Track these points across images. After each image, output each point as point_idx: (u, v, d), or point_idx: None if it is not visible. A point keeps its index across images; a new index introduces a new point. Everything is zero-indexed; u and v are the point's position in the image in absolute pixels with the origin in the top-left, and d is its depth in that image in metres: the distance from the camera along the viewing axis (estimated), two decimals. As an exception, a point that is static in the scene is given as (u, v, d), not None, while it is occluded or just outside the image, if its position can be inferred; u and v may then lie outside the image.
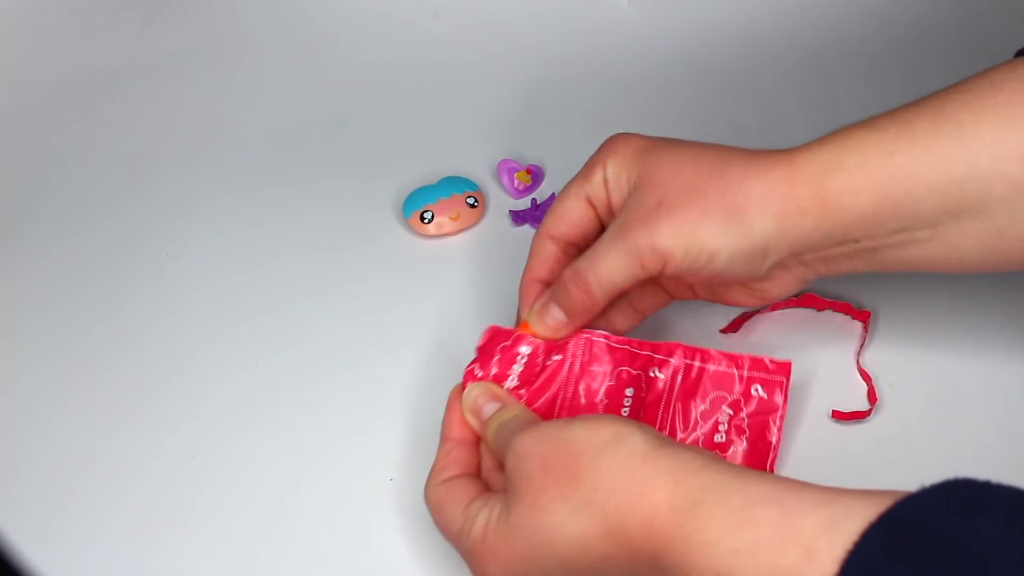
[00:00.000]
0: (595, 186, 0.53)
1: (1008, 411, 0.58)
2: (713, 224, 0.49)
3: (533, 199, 0.70)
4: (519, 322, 0.56)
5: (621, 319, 0.58)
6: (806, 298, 0.62)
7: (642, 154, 0.52)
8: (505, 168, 0.71)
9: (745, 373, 0.56)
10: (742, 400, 0.56)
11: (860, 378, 0.60)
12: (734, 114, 0.75)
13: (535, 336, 0.54)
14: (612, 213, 0.53)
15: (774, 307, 0.62)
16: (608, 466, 0.43)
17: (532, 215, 0.69)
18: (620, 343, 0.55)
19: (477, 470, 0.52)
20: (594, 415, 0.46)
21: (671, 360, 0.56)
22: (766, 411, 0.55)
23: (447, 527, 0.49)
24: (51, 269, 0.69)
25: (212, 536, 0.56)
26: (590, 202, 0.54)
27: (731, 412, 0.56)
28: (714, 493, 0.41)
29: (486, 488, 0.50)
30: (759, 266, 0.51)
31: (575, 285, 0.52)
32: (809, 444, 0.58)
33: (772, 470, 0.55)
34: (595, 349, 0.55)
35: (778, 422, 0.55)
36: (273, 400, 0.62)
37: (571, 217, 0.54)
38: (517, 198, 0.71)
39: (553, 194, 0.70)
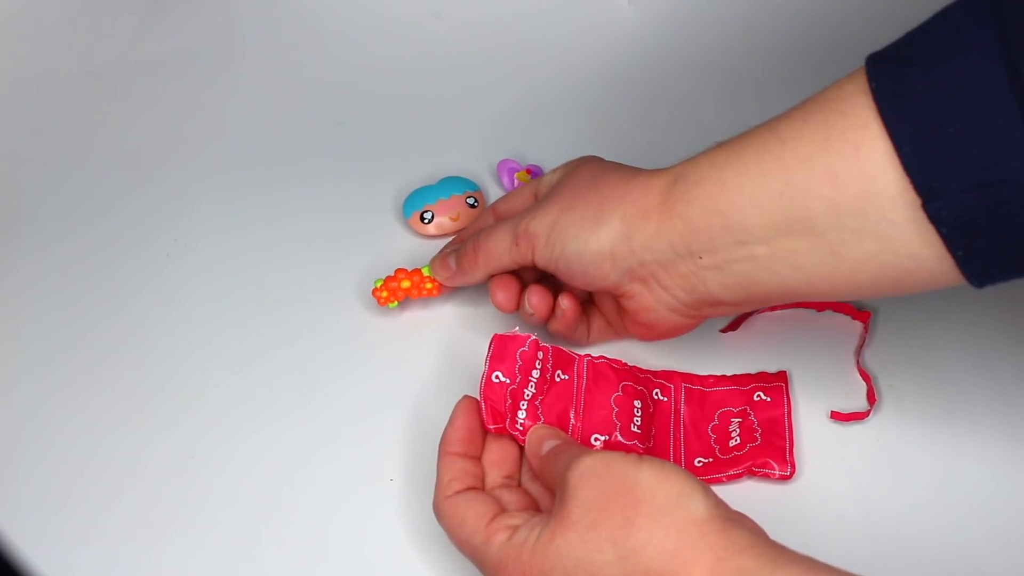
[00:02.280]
0: (542, 187, 0.61)
1: (1008, 411, 0.58)
2: (572, 217, 0.55)
3: (533, 199, 0.70)
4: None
5: (582, 327, 0.61)
6: (806, 298, 0.63)
7: (569, 169, 0.59)
8: (505, 168, 0.71)
9: (746, 387, 0.58)
10: (748, 409, 0.57)
11: (860, 378, 0.60)
12: (734, 114, 0.74)
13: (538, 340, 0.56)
14: None
15: (773, 306, 0.62)
16: (665, 524, 0.44)
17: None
18: (621, 366, 0.58)
19: (482, 483, 0.52)
20: (662, 462, 0.46)
21: (671, 385, 0.58)
22: (774, 409, 0.57)
23: (465, 540, 0.49)
24: (51, 269, 0.69)
25: (211, 536, 0.56)
26: (536, 197, 0.62)
27: (740, 420, 0.57)
28: None
29: (499, 503, 0.50)
30: (609, 269, 0.54)
31: (471, 249, 0.60)
32: (809, 444, 0.58)
33: (792, 459, 0.56)
34: (598, 370, 0.57)
35: (787, 417, 0.57)
36: (273, 400, 0.62)
37: (516, 203, 0.63)
38: (517, 198, 0.71)
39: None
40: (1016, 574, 0.53)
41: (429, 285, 0.64)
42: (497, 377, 0.53)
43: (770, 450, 0.56)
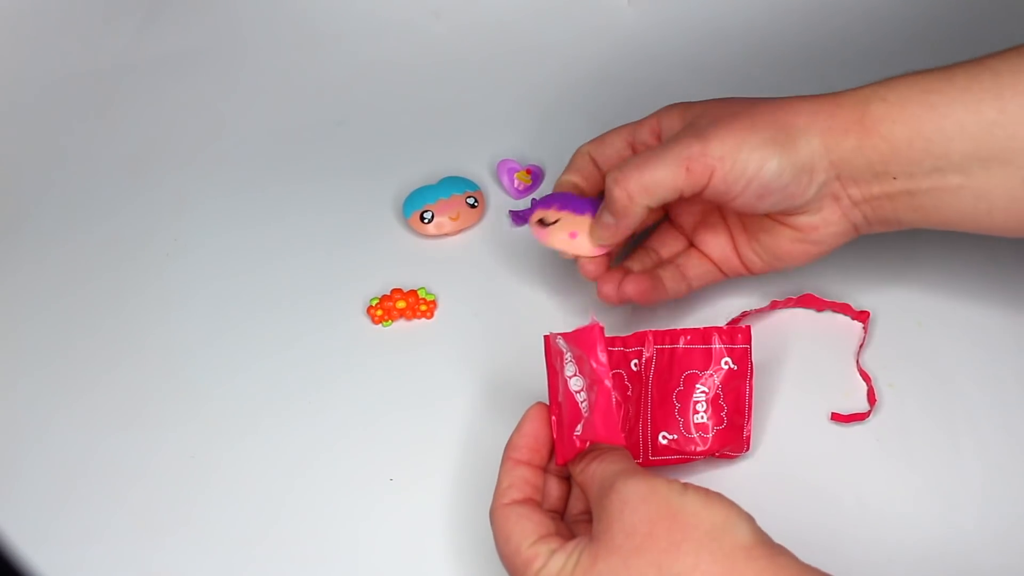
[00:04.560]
0: (643, 134, 0.60)
1: (1008, 411, 0.58)
2: (762, 136, 0.53)
3: (533, 199, 0.70)
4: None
5: (672, 284, 0.60)
6: (806, 298, 0.62)
7: (695, 108, 0.57)
8: (505, 168, 0.71)
9: (715, 345, 0.56)
10: (715, 377, 0.56)
11: (860, 378, 0.60)
12: (734, 114, 0.75)
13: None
14: None
15: (773, 306, 0.62)
16: (712, 550, 0.44)
17: (532, 216, 0.69)
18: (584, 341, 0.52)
19: (541, 495, 0.51)
20: (706, 490, 0.46)
21: (643, 350, 0.55)
22: (739, 380, 0.56)
23: (510, 555, 0.48)
24: (51, 269, 0.69)
25: (212, 536, 0.56)
26: (633, 145, 0.60)
27: (706, 390, 0.56)
28: None
29: (552, 521, 0.49)
30: (807, 184, 0.54)
31: (616, 184, 0.55)
32: (809, 444, 0.58)
33: (748, 436, 0.56)
34: (553, 347, 0.52)
35: (749, 388, 0.56)
36: (273, 400, 0.62)
37: (612, 147, 0.61)
38: (517, 198, 0.71)
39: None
40: (1016, 574, 0.53)
41: (424, 307, 0.64)
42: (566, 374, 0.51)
43: (732, 433, 0.56)
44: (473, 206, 0.69)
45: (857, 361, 0.60)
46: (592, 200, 0.60)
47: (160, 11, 0.81)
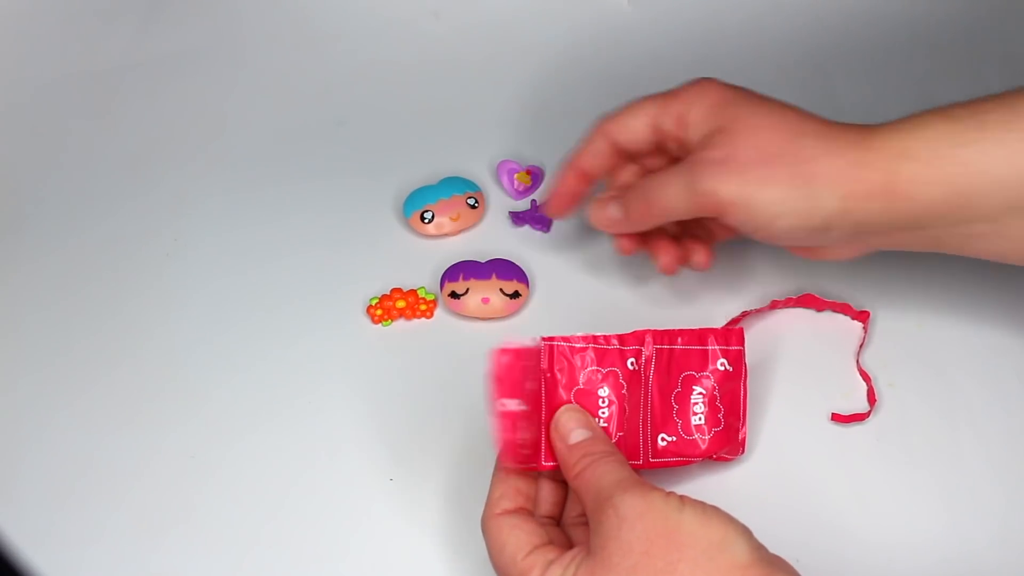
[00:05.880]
0: (669, 118, 0.57)
1: (1008, 411, 0.58)
2: (779, 189, 0.51)
3: (533, 200, 0.70)
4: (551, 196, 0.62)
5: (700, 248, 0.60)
6: (806, 298, 0.62)
7: (727, 105, 0.55)
8: (505, 169, 0.71)
9: (710, 347, 0.56)
10: (712, 379, 0.55)
11: (860, 378, 0.60)
12: (734, 114, 0.75)
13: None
14: (680, 146, 0.56)
15: (773, 306, 0.62)
16: (708, 570, 0.43)
17: (532, 216, 0.69)
18: (585, 341, 0.53)
19: (534, 504, 0.51)
20: (704, 504, 0.45)
21: (643, 349, 0.54)
22: (734, 381, 0.56)
23: (504, 566, 0.48)
24: (51, 269, 0.69)
25: (212, 536, 0.56)
26: (656, 128, 0.57)
27: (703, 391, 0.55)
28: None
29: (546, 530, 0.49)
30: (819, 239, 0.53)
31: (640, 199, 0.56)
32: (809, 444, 0.58)
33: (744, 439, 0.56)
34: (556, 354, 0.53)
35: (744, 390, 0.56)
36: (273, 400, 0.62)
37: (631, 129, 0.58)
38: (517, 199, 0.71)
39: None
40: (1016, 574, 0.53)
41: (424, 307, 0.64)
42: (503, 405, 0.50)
43: (729, 435, 0.56)
44: (473, 206, 0.69)
45: (857, 361, 0.60)
46: (493, 261, 0.64)
47: (160, 11, 0.82)
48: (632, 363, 0.54)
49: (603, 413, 0.53)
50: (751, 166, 0.52)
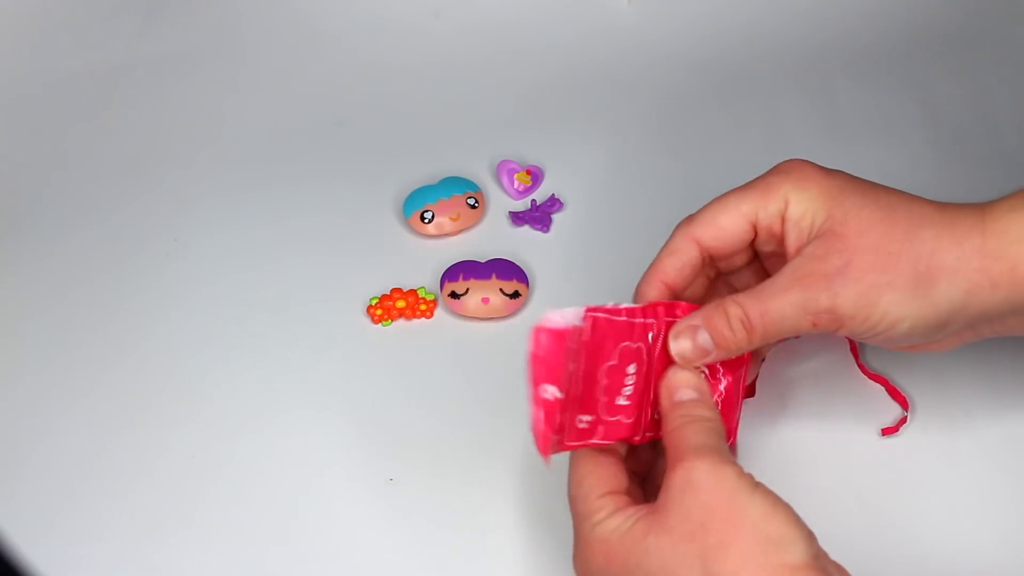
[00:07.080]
0: (769, 215, 0.51)
1: (1008, 411, 0.58)
2: (900, 294, 0.48)
3: (533, 200, 0.70)
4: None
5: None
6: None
7: (830, 198, 0.49)
8: (505, 169, 0.71)
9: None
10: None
11: (859, 377, 0.60)
12: (734, 114, 0.75)
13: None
14: (780, 247, 0.51)
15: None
16: (759, 563, 0.43)
17: (532, 216, 0.69)
18: (616, 314, 0.49)
19: (626, 448, 0.51)
20: (776, 497, 0.44)
21: (653, 320, 0.51)
22: (737, 367, 0.53)
23: (578, 498, 0.48)
24: (51, 269, 0.69)
25: (212, 536, 0.56)
26: (755, 226, 0.51)
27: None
28: None
29: (627, 478, 0.49)
30: (936, 335, 0.50)
31: (739, 322, 0.49)
32: (809, 445, 0.58)
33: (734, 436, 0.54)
34: (602, 333, 0.49)
35: (744, 373, 0.53)
36: (273, 400, 0.62)
37: (727, 232, 0.52)
38: (517, 199, 0.71)
39: (553, 195, 0.70)
40: (1017, 575, 0.53)
41: (424, 307, 0.64)
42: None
43: (729, 409, 0.53)
44: (473, 206, 0.69)
45: (858, 362, 0.60)
46: (493, 261, 0.62)
47: (160, 11, 0.82)
48: (651, 335, 0.51)
49: (627, 391, 0.50)
50: (869, 272, 0.48)
